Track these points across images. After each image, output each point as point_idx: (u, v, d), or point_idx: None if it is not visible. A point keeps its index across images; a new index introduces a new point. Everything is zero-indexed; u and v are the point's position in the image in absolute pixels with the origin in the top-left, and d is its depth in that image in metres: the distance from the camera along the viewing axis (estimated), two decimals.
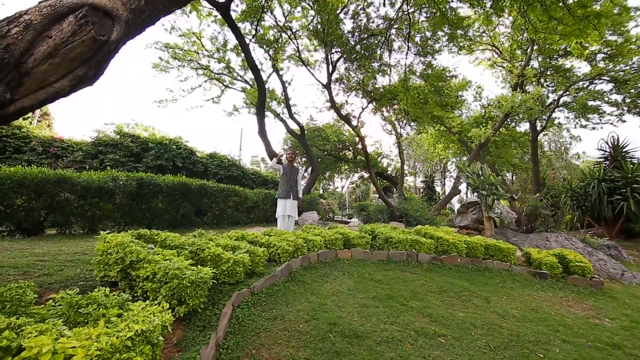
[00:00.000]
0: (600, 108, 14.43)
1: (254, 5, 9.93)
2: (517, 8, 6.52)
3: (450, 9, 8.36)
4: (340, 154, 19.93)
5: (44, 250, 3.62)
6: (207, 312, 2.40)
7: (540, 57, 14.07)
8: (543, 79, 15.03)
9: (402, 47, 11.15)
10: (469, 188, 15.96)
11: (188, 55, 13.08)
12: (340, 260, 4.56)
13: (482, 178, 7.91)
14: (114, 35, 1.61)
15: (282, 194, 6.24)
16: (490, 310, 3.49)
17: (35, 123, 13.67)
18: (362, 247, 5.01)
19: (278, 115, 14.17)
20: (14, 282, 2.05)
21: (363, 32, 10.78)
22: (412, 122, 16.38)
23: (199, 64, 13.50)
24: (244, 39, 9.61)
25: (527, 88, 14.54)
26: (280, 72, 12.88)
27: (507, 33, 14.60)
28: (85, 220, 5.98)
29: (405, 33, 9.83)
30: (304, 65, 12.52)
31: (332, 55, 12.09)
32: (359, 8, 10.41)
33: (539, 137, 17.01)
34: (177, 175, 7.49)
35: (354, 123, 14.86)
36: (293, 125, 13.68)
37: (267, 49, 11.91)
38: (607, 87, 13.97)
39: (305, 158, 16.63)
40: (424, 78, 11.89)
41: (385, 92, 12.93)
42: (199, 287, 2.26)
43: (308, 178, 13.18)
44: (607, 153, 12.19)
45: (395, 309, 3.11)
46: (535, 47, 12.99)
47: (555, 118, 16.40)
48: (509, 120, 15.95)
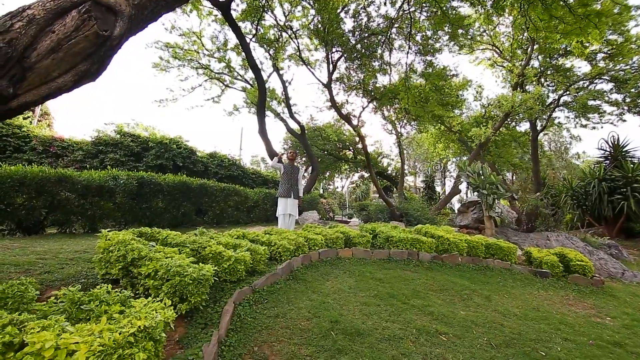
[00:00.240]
0: (601, 107, 14.45)
1: (255, 5, 9.93)
2: (517, 7, 6.52)
3: (451, 8, 8.36)
4: (341, 154, 19.93)
5: (45, 249, 3.61)
6: (208, 309, 2.40)
7: (541, 56, 14.09)
8: (543, 79, 15.04)
9: (402, 46, 11.15)
10: (469, 187, 15.96)
11: (188, 55, 13.07)
12: (341, 259, 4.56)
13: (482, 177, 7.91)
14: (117, 31, 1.61)
15: (282, 193, 6.23)
16: (492, 309, 3.49)
17: (36, 122, 13.63)
18: (363, 246, 5.01)
19: (278, 115, 14.16)
20: (16, 279, 2.05)
21: (364, 31, 10.77)
22: (413, 121, 16.38)
23: (199, 64, 13.49)
24: (245, 38, 9.61)
25: (527, 87, 14.54)
26: (281, 71, 12.88)
27: (507, 33, 14.61)
28: (86, 219, 5.96)
29: (406, 32, 9.82)
30: (305, 65, 12.51)
31: (332, 55, 12.09)
32: (360, 7, 10.40)
33: (539, 136, 17.02)
34: (177, 175, 7.48)
35: (355, 122, 14.85)
36: (293, 125, 13.69)
37: (267, 49, 11.91)
38: (607, 86, 14.00)
39: (306, 158, 16.63)
40: (425, 77, 11.88)
41: (386, 91, 12.92)
42: (201, 284, 2.25)
43: (308, 177, 13.17)
44: (607, 152, 12.21)
45: (397, 307, 3.11)
46: (536, 46, 12.99)
47: (556, 118, 16.41)
48: (509, 120, 15.95)
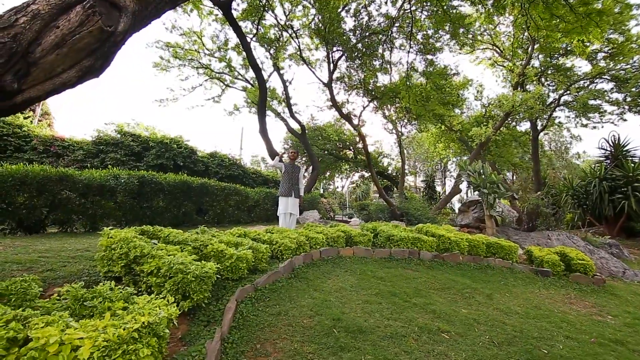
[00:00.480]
0: (601, 107, 14.45)
1: (255, 4, 9.93)
2: (518, 6, 6.52)
3: (452, 7, 8.36)
4: (341, 153, 19.94)
5: (47, 247, 3.61)
6: (211, 307, 2.40)
7: (541, 56, 14.09)
8: (544, 78, 15.04)
9: (403, 45, 11.14)
10: (470, 187, 15.96)
11: (189, 54, 13.07)
12: (343, 258, 4.56)
13: (483, 176, 7.90)
14: (121, 27, 1.61)
15: (283, 192, 6.24)
16: (493, 307, 3.50)
17: (36, 122, 13.64)
18: (364, 244, 5.01)
19: (279, 115, 14.16)
20: (19, 276, 2.05)
21: (364, 30, 10.76)
22: (414, 120, 16.38)
23: (200, 63, 13.49)
24: (245, 38, 9.61)
25: (528, 87, 14.54)
26: (281, 71, 12.88)
27: (507, 32, 14.61)
28: (87, 218, 5.96)
29: (407, 31, 9.82)
30: (305, 64, 12.51)
31: (333, 54, 12.09)
32: (361, 6, 10.40)
33: (540, 136, 17.02)
34: (178, 174, 7.48)
35: (355, 122, 14.85)
36: (294, 125, 13.68)
37: (268, 48, 11.90)
38: (607, 86, 14.00)
39: (306, 157, 16.64)
40: (426, 75, 11.88)
41: (387, 90, 12.92)
42: (203, 282, 2.26)
43: (309, 177, 13.17)
44: (608, 152, 12.20)
45: (399, 306, 3.11)
46: (536, 46, 12.99)
47: (556, 117, 16.41)
48: (510, 120, 15.95)
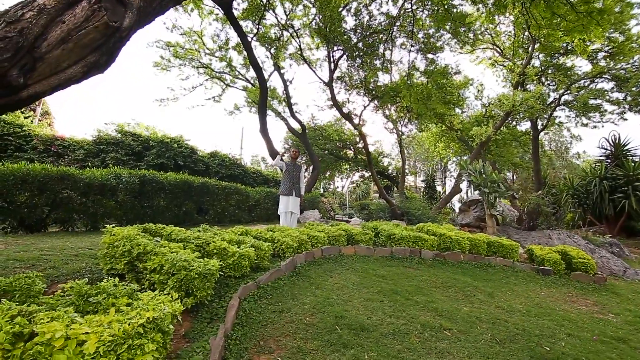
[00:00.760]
0: (601, 106, 14.43)
1: (256, 3, 9.93)
2: (519, 5, 6.52)
3: (453, 6, 8.35)
4: (341, 153, 19.94)
5: (49, 245, 3.62)
6: (214, 304, 2.40)
7: (542, 55, 14.08)
8: (544, 78, 15.04)
9: (404, 44, 11.13)
10: (470, 187, 15.95)
11: (189, 54, 13.07)
12: (344, 256, 4.56)
13: (484, 175, 7.91)
14: (126, 22, 1.61)
15: (284, 191, 6.24)
16: (495, 305, 3.50)
17: (37, 122, 13.65)
18: (365, 243, 5.02)
19: (279, 114, 14.15)
20: (22, 273, 2.05)
21: (365, 29, 10.76)
22: (414, 119, 16.38)
23: (200, 63, 13.49)
24: (246, 37, 9.61)
25: (528, 87, 14.54)
26: (282, 70, 12.86)
27: (508, 32, 14.61)
28: (88, 217, 5.96)
29: (408, 30, 9.81)
30: (306, 64, 12.51)
31: (334, 53, 12.08)
32: (362, 5, 10.39)
33: (540, 136, 17.01)
34: (179, 174, 7.48)
35: (356, 121, 14.85)
36: (294, 124, 13.68)
37: (268, 47, 11.90)
38: (608, 85, 13.98)
39: (307, 157, 16.65)
40: (428, 74, 11.87)
41: (388, 89, 12.91)
42: (207, 279, 2.26)
43: (309, 176, 13.16)
44: (608, 151, 12.21)
45: (400, 303, 3.11)
46: (537, 45, 12.98)
47: (556, 117, 16.39)
48: (510, 119, 15.94)
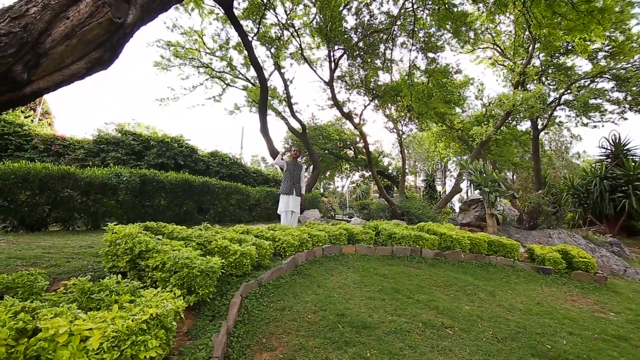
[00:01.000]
0: (602, 106, 14.43)
1: (256, 3, 9.92)
2: (520, 4, 6.52)
3: (453, 5, 8.35)
4: (342, 153, 19.93)
5: (50, 244, 3.62)
6: (216, 302, 2.41)
7: (542, 55, 14.07)
8: (544, 77, 15.03)
9: (405, 43, 11.12)
10: (470, 186, 15.95)
11: (190, 54, 13.06)
12: (345, 255, 4.57)
13: (484, 175, 7.91)
14: (130, 18, 1.61)
15: (285, 190, 6.24)
16: (496, 304, 3.50)
17: (37, 121, 13.64)
18: (366, 242, 5.02)
19: (280, 114, 14.15)
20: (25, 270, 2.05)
21: (366, 28, 10.75)
22: (415, 119, 16.37)
23: (201, 62, 13.48)
24: (247, 36, 9.60)
25: (528, 86, 14.54)
26: (282, 70, 12.86)
27: (508, 31, 14.61)
28: (89, 216, 5.96)
29: (409, 29, 9.81)
30: (307, 63, 12.50)
31: (334, 52, 12.08)
32: (362, 5, 10.39)
33: (540, 135, 17.02)
34: (179, 173, 7.48)
35: (356, 121, 14.85)
36: (295, 124, 13.66)
37: (269, 47, 11.89)
38: (608, 85, 13.97)
39: (307, 156, 16.65)
40: (428, 73, 11.86)
41: (388, 88, 12.90)
42: (209, 276, 2.26)
43: (310, 176, 13.16)
44: (608, 151, 12.21)
45: (402, 302, 3.12)
46: (537, 45, 12.98)
47: (557, 116, 16.39)
48: (510, 119, 15.94)
